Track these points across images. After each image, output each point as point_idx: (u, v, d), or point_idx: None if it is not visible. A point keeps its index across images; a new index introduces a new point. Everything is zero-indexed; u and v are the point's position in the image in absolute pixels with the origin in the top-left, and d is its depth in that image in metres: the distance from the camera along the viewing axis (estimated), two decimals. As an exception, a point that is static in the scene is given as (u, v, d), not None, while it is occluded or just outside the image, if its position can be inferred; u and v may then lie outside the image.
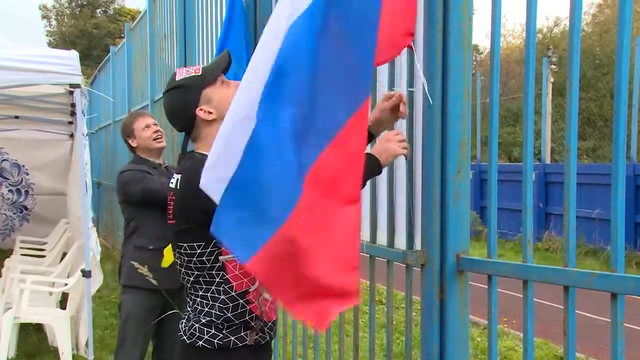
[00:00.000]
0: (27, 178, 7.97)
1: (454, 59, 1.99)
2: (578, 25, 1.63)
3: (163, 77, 6.45)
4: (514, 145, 23.05)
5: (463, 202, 2.06)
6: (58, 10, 40.60)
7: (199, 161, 1.86)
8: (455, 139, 2.02)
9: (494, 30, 1.93)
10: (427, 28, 2.05)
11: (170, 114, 1.98)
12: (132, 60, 8.73)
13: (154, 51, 6.94)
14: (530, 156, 1.84)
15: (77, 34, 38.07)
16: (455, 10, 1.99)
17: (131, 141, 3.56)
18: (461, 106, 2.01)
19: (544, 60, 14.46)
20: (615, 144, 1.47)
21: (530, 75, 1.82)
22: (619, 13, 1.45)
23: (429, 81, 2.03)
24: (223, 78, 1.97)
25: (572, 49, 1.61)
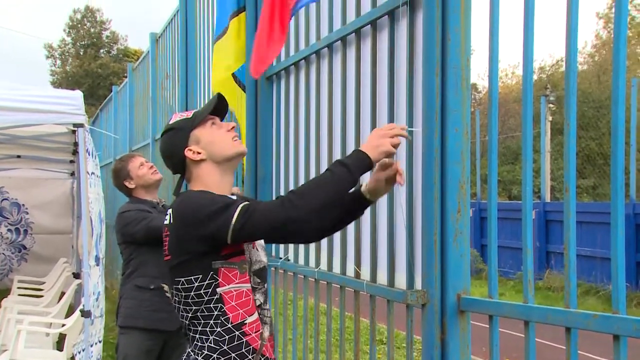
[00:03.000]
0: (26, 217, 7.97)
1: (452, 100, 2.02)
2: (574, 67, 1.65)
3: (164, 116, 6.51)
4: (514, 184, 23.08)
5: (463, 241, 2.06)
6: (63, 50, 41.15)
7: (189, 195, 1.88)
8: (455, 179, 2.04)
9: (491, 69, 1.96)
10: (426, 69, 2.08)
11: (164, 156, 2.04)
12: (134, 99, 8.82)
13: (156, 90, 7.02)
14: (530, 199, 1.84)
15: (81, 73, 38.51)
16: (453, 52, 2.03)
17: (128, 183, 3.58)
18: (460, 146, 2.03)
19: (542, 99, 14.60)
20: (613, 185, 1.48)
21: (528, 115, 1.84)
22: (613, 56, 1.48)
23: (428, 122, 2.05)
24: (214, 120, 2.01)
25: (569, 90, 1.64)
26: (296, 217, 1.74)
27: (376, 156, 1.84)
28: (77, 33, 40.64)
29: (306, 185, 1.83)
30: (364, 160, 1.82)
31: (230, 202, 1.81)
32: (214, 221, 1.77)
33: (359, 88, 2.67)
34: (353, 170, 1.79)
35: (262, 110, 3.62)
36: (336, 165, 1.81)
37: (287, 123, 3.46)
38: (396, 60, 2.38)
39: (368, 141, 1.87)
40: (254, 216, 1.76)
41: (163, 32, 6.69)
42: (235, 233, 1.77)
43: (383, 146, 1.84)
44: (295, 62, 3.30)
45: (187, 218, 1.82)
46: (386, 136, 1.85)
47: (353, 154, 1.85)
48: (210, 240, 1.81)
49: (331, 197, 1.78)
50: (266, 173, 3.61)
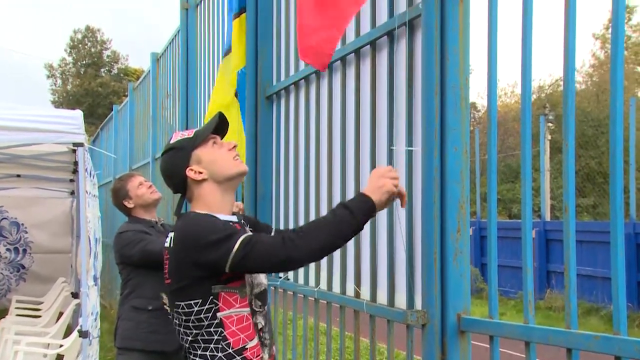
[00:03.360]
0: (25, 236, 7.95)
1: (451, 119, 2.03)
2: (572, 87, 1.66)
3: (165, 135, 6.52)
4: (514, 202, 23.07)
5: (463, 260, 2.06)
6: (63, 69, 41.36)
7: (192, 218, 1.87)
8: (455, 198, 2.03)
9: (490, 89, 1.97)
10: (425, 88, 2.09)
11: (165, 176, 2.03)
12: (134, 118, 8.85)
13: (156, 109, 7.04)
14: (529, 218, 1.84)
15: (82, 92, 38.68)
16: (452, 71, 2.04)
17: (127, 202, 3.57)
18: (460, 165, 2.03)
19: (541, 118, 14.64)
20: (612, 206, 1.48)
21: (527, 134, 1.84)
22: (610, 76, 1.49)
23: (428, 141, 2.05)
24: (216, 139, 2.00)
25: (567, 110, 1.64)
26: (296, 257, 1.76)
27: (378, 197, 1.81)
28: (78, 53, 40.88)
29: (309, 225, 1.83)
30: (367, 203, 1.80)
31: (231, 232, 1.80)
32: (214, 250, 1.77)
33: (358, 107, 2.68)
34: (356, 213, 1.78)
35: (262, 129, 3.63)
36: (339, 208, 1.81)
37: (286, 142, 3.47)
38: (395, 79, 2.39)
39: (369, 184, 1.86)
40: (254, 251, 1.77)
41: (164, 52, 6.73)
42: (234, 265, 1.78)
43: (385, 187, 1.82)
44: (295, 82, 3.31)
45: (188, 244, 1.82)
46: (385, 176, 1.84)
47: (356, 197, 1.84)
48: (209, 267, 1.80)
49: (332, 240, 1.78)
50: (266, 191, 3.60)
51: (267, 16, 3.64)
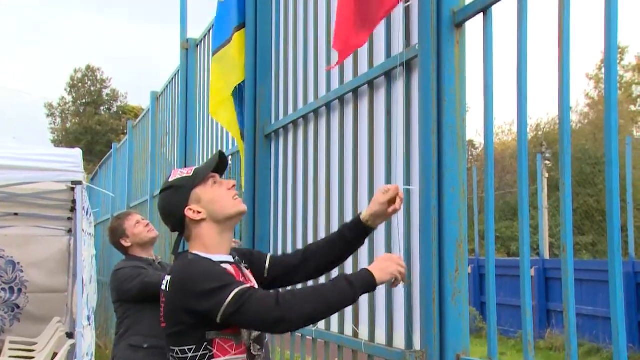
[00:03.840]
0: (21, 275, 7.87)
1: (449, 159, 2.04)
2: (567, 128, 1.68)
3: (163, 173, 6.54)
4: (513, 240, 23.00)
5: (462, 300, 2.05)
6: (63, 108, 41.64)
7: (189, 262, 1.85)
8: (452, 237, 2.03)
9: (486, 131, 1.98)
10: (422, 128, 2.11)
11: (163, 214, 2.01)
12: (133, 156, 8.88)
13: (155, 147, 7.07)
14: (527, 259, 1.84)
15: (80, 130, 38.87)
16: (449, 112, 2.06)
17: (124, 241, 3.57)
18: (457, 205, 2.03)
19: (538, 156, 14.70)
20: (610, 246, 1.48)
21: (524, 173, 1.85)
22: (604, 117, 1.50)
23: (425, 181, 2.06)
24: (216, 178, 1.99)
25: (563, 150, 1.66)
26: (288, 319, 1.74)
27: (381, 277, 1.82)
28: (78, 92, 41.21)
29: (306, 289, 1.83)
30: (368, 280, 1.81)
31: (227, 282, 1.78)
32: (207, 300, 1.75)
33: (356, 146, 2.69)
34: (356, 287, 1.79)
35: (261, 168, 3.65)
36: (340, 279, 1.81)
37: (285, 181, 3.48)
38: (393, 119, 2.41)
39: (376, 263, 1.87)
40: (246, 306, 1.74)
41: (164, 91, 6.80)
42: (225, 317, 1.75)
43: (389, 268, 1.83)
44: (294, 120, 3.34)
45: (183, 290, 1.80)
46: (394, 261, 1.86)
47: (359, 272, 1.85)
48: (199, 316, 1.78)
49: (326, 308, 1.78)
50: (264, 232, 3.60)
51: (265, 56, 3.69)
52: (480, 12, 1.97)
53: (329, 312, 1.81)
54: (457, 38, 2.07)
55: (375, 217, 2.02)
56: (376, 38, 2.58)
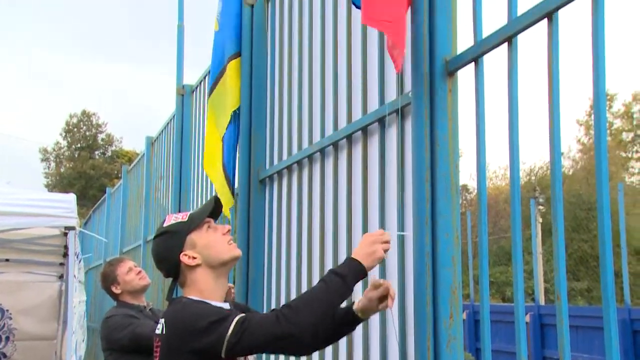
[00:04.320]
0: (9, 323, 7.73)
1: (442, 205, 2.04)
2: (559, 175, 1.69)
3: (157, 218, 6.52)
4: (508, 285, 22.88)
5: (456, 347, 2.02)
6: (57, 153, 41.73)
7: (184, 304, 1.84)
8: (446, 284, 2.02)
9: (479, 179, 2.00)
10: (416, 175, 2.12)
11: (157, 260, 2.00)
12: (127, 200, 8.86)
13: (150, 192, 7.07)
14: (522, 305, 1.83)
15: (74, 175, 38.87)
16: (442, 158, 2.08)
17: (115, 288, 3.54)
18: (451, 251, 2.03)
19: (532, 201, 14.76)
20: (604, 294, 1.47)
21: (517, 220, 1.86)
22: (595, 164, 1.52)
23: (419, 227, 2.07)
24: (210, 223, 1.99)
25: (555, 196, 1.67)
26: (291, 333, 1.72)
27: (369, 263, 1.84)
28: (73, 137, 41.39)
29: (301, 298, 1.81)
30: (358, 268, 1.82)
31: (225, 315, 1.77)
32: (208, 336, 1.73)
33: (350, 192, 2.71)
34: (348, 280, 1.80)
35: (255, 213, 3.65)
36: (330, 276, 1.81)
37: (279, 226, 3.47)
38: (386, 165, 2.43)
39: (360, 247, 1.88)
40: (249, 331, 1.73)
41: (158, 136, 6.83)
42: (230, 347, 1.73)
43: (376, 253, 1.85)
44: (288, 166, 3.36)
45: (181, 330, 1.78)
46: (377, 242, 1.87)
47: (346, 262, 1.85)
48: (203, 354, 1.75)
49: (326, 310, 1.77)
50: (257, 276, 3.57)
51: (260, 102, 3.73)
52: (472, 61, 2.01)
53: (329, 312, 1.80)
54: (450, 86, 2.11)
55: (366, 310, 2.02)
56: (370, 85, 2.62)
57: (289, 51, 3.51)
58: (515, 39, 1.87)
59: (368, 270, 1.85)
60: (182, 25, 5.72)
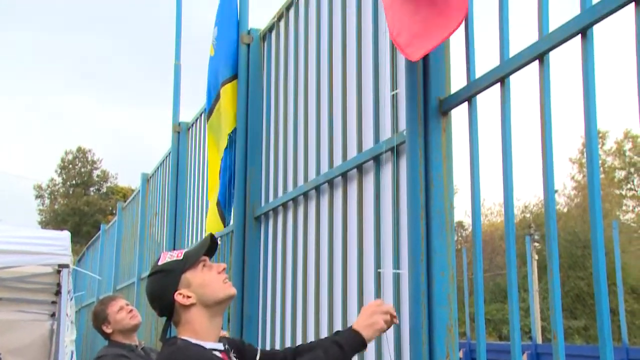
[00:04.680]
0: (0, 363, 7.60)
1: (437, 244, 2.05)
2: (553, 215, 1.70)
3: (151, 255, 6.48)
4: (504, 323, 22.69)
5: (454, 387, 2.00)
6: (52, 189, 41.64)
7: (178, 348, 1.81)
8: (442, 322, 2.01)
9: (474, 214, 2.01)
10: (411, 212, 2.13)
11: (151, 299, 1.97)
12: (121, 237, 8.82)
13: (144, 228, 7.05)
14: (518, 345, 1.82)
15: (68, 211, 38.72)
16: (436, 197, 2.09)
17: (105, 327, 3.50)
18: (447, 290, 2.03)
19: (527, 238, 14.74)
20: (600, 334, 1.47)
21: (512, 258, 1.86)
22: (589, 202, 1.53)
23: (414, 265, 2.06)
24: (206, 261, 1.98)
25: (549, 235, 1.67)
26: None
27: (370, 335, 1.85)
28: (68, 173, 41.39)
29: None
30: (358, 341, 1.83)
31: None
32: None
33: (345, 229, 2.71)
34: (347, 350, 1.80)
35: (250, 250, 3.63)
36: (331, 346, 1.81)
37: (274, 263, 3.46)
38: (381, 202, 2.44)
39: (360, 319, 1.89)
40: None
41: (154, 173, 6.84)
42: None
43: (377, 325, 1.85)
44: (284, 203, 3.36)
45: None
46: (377, 312, 1.87)
47: (346, 333, 1.86)
48: None
49: None
50: (252, 313, 3.54)
51: (256, 138, 3.75)
52: (465, 100, 2.04)
53: None
54: (444, 125, 2.13)
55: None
56: (365, 123, 2.64)
57: (284, 88, 3.55)
58: (507, 80, 1.90)
59: (368, 342, 1.86)
60: (178, 64, 5.79)
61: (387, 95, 2.44)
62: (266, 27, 3.83)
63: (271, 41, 3.79)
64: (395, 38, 2.04)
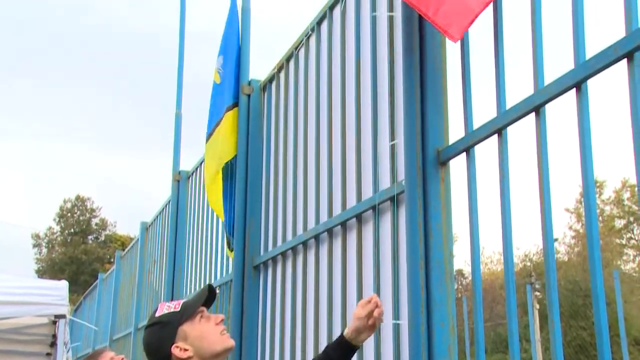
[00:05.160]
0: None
1: (437, 294, 2.04)
2: (553, 265, 1.70)
3: (149, 304, 6.42)
4: (507, 374, 22.28)
5: None
6: (50, 238, 41.45)
7: None
8: (444, 374, 1.99)
9: (474, 264, 2.00)
10: (410, 262, 2.13)
11: (147, 352, 1.94)
12: (119, 286, 8.75)
13: (143, 277, 7.00)
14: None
15: (66, 260, 38.46)
16: (436, 246, 2.09)
17: None
18: (447, 340, 2.01)
19: (528, 287, 14.61)
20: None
21: (512, 309, 1.85)
22: (588, 253, 1.53)
23: (414, 316, 2.05)
24: (203, 312, 1.95)
25: (550, 286, 1.67)
26: None
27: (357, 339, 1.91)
28: (66, 222, 41.27)
29: None
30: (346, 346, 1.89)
31: None
32: None
33: (344, 279, 2.69)
34: None
35: (249, 299, 3.60)
36: None
37: (273, 313, 3.43)
38: (381, 252, 2.44)
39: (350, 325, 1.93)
40: None
41: (153, 221, 6.84)
42: None
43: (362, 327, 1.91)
44: (283, 252, 3.35)
45: None
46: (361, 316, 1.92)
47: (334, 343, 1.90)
48: None
49: None
50: (250, 364, 3.49)
51: (256, 188, 3.76)
52: (464, 151, 2.06)
53: None
54: (442, 175, 2.15)
55: (358, 332, 1.97)
56: (364, 173, 2.66)
57: (284, 138, 3.58)
58: (504, 131, 1.93)
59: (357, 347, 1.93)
60: (179, 113, 5.85)
61: (386, 145, 2.47)
62: (266, 78, 3.89)
63: (271, 92, 3.84)
64: (434, 20, 1.99)
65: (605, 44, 1.56)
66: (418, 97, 2.21)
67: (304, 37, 3.41)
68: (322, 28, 3.24)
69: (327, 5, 3.15)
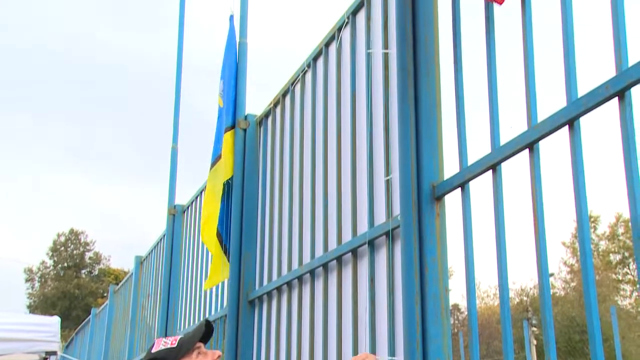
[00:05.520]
0: None
1: (433, 330, 2.03)
2: (548, 303, 1.70)
3: (143, 339, 6.35)
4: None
5: None
6: (43, 272, 41.07)
7: None
8: (440, 412, 1.97)
9: (469, 301, 2.00)
10: (406, 297, 2.12)
11: None
12: (112, 321, 8.65)
13: (136, 311, 6.93)
14: None
15: (58, 295, 38.06)
16: (431, 281, 2.08)
17: None
18: (443, 377, 1.99)
19: (525, 323, 14.51)
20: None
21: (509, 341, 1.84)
22: (583, 289, 1.53)
23: (410, 352, 2.03)
24: (200, 348, 1.94)
25: (546, 325, 1.67)
26: None
27: None
28: (59, 256, 40.95)
29: None
30: None
31: None
32: None
33: (340, 314, 2.68)
34: None
35: (244, 334, 3.57)
36: None
37: (267, 348, 3.40)
38: (376, 287, 2.43)
39: None
40: None
41: (148, 255, 6.80)
42: None
43: None
44: (278, 287, 3.33)
45: None
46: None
47: None
48: None
49: None
50: (244, 403, 3.44)
51: (251, 223, 3.76)
52: (459, 187, 2.07)
53: None
54: (438, 210, 2.16)
55: None
56: (359, 208, 2.66)
57: (280, 172, 3.60)
58: (499, 167, 1.94)
59: None
60: (175, 147, 5.87)
61: (381, 180, 2.48)
62: (262, 112, 3.92)
63: (267, 126, 3.87)
64: None
65: (597, 82, 1.58)
66: (413, 132, 2.23)
67: (300, 72, 3.45)
68: (317, 64, 3.28)
69: (323, 41, 3.19)
